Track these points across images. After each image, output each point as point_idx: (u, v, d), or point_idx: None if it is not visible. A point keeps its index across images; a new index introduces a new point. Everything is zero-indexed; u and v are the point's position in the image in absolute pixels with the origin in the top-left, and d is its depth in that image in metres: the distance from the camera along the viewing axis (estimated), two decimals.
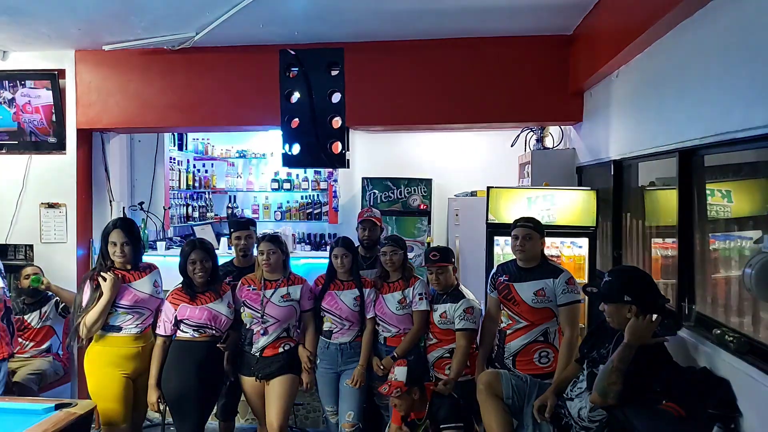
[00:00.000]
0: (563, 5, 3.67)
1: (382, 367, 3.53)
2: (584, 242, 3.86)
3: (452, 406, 3.15)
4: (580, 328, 3.27)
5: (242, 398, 4.05)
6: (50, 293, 4.54)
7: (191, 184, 6.34)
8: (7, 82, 4.87)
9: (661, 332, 2.30)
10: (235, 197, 7.05)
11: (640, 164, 3.54)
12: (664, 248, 3.42)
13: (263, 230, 4.35)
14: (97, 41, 4.52)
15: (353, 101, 3.87)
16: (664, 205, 3.56)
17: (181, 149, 6.12)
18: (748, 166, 2.51)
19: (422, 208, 6.01)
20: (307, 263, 5.20)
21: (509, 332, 3.25)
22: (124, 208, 5.21)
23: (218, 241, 5.47)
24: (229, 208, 7.01)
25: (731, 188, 2.82)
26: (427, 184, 6.24)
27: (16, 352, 4.41)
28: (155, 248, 5.24)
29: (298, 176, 6.93)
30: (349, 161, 4.09)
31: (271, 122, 4.56)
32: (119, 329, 3.28)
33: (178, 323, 3.34)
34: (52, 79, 4.84)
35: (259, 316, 3.46)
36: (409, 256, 3.81)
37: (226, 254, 4.57)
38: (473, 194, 6.06)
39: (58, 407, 2.94)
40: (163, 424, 4.48)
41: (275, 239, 3.58)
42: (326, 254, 5.57)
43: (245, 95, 4.66)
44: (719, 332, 2.27)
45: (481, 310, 3.51)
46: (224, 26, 4.09)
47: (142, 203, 5.39)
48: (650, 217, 3.54)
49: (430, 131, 6.47)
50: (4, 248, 4.92)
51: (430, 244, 5.85)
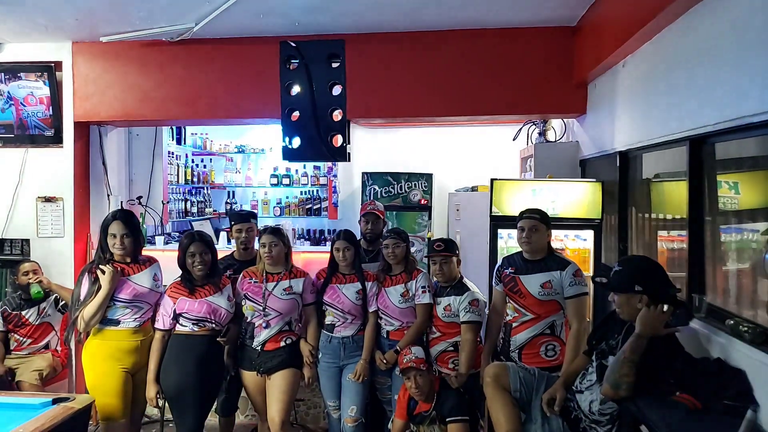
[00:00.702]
0: None
1: (385, 361, 3.48)
2: (589, 235, 3.81)
3: (458, 399, 3.10)
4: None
5: (242, 394, 4.02)
6: (45, 291, 4.48)
7: (190, 179, 6.28)
8: (2, 74, 4.80)
9: (673, 322, 2.26)
10: (233, 193, 6.99)
11: (644, 157, 3.50)
12: (670, 241, 3.38)
13: (263, 225, 4.29)
14: (94, 33, 4.46)
15: (354, 94, 3.82)
16: (670, 197, 3.51)
17: (179, 143, 6.06)
18: (756, 157, 2.47)
19: (423, 203, 5.94)
20: (307, 258, 5.14)
21: (515, 325, 3.20)
22: (122, 202, 5.14)
23: (217, 237, 5.41)
24: (227, 203, 6.95)
25: (739, 180, 2.77)
26: (427, 179, 6.19)
27: (13, 349, 4.37)
28: (154, 243, 5.18)
29: (297, 171, 6.88)
30: (349, 154, 4.05)
31: (271, 115, 4.51)
32: (117, 323, 3.22)
33: (177, 317, 3.28)
34: (48, 71, 4.77)
35: (260, 309, 3.41)
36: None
37: (225, 249, 4.51)
38: (474, 189, 6.02)
39: (55, 402, 2.88)
40: (162, 420, 4.44)
41: (277, 231, 3.53)
42: (326, 249, 5.55)
43: (245, 87, 4.61)
44: (733, 323, 2.22)
45: (485, 302, 3.47)
46: (224, 17, 4.03)
47: (140, 197, 5.33)
48: (657, 209, 3.50)
49: (431, 124, 6.42)
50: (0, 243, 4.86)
51: (430, 239, 5.80)
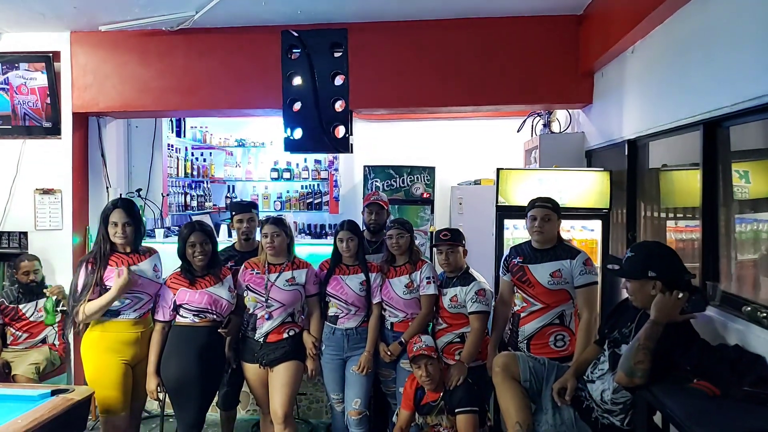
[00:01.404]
0: None
1: (389, 353, 3.42)
2: (596, 225, 3.76)
3: (467, 390, 3.04)
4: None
5: (244, 388, 3.96)
6: (45, 285, 4.41)
7: (189, 172, 6.21)
8: (0, 64, 4.74)
9: (689, 308, 2.20)
10: (233, 187, 6.93)
11: (653, 147, 3.45)
12: (677, 232, 3.33)
13: (264, 216, 4.22)
14: (93, 21, 4.39)
15: (357, 84, 3.77)
16: (680, 186, 3.46)
17: (179, 136, 5.99)
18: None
19: (425, 196, 5.88)
20: (309, 251, 5.07)
21: (523, 315, 3.15)
22: (121, 194, 5.07)
23: (217, 231, 5.34)
24: (227, 198, 6.89)
25: (749, 168, 2.72)
26: (430, 172, 6.12)
27: (9, 343, 4.31)
28: (153, 236, 5.11)
29: (298, 165, 6.82)
30: (352, 146, 3.99)
31: (272, 105, 4.46)
32: (117, 314, 3.14)
33: (177, 308, 3.22)
34: (46, 61, 4.69)
35: (263, 300, 3.35)
36: None
37: (226, 243, 4.44)
38: (477, 183, 5.97)
39: (54, 393, 2.82)
40: (162, 415, 4.37)
41: (279, 222, 3.47)
42: (328, 242, 5.48)
43: (246, 78, 4.54)
44: (750, 309, 2.17)
45: (492, 292, 3.41)
46: (224, 5, 3.97)
47: (139, 190, 5.26)
48: (666, 198, 3.45)
49: (433, 117, 6.38)
50: None
51: (432, 233, 5.75)
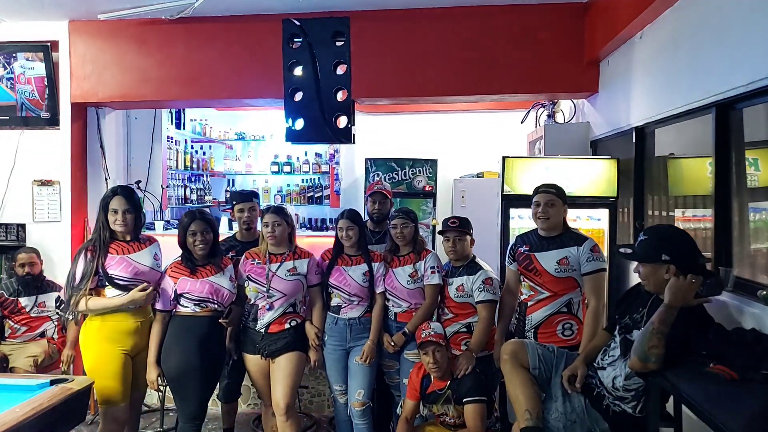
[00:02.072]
0: None
1: (393, 343, 3.36)
2: (603, 214, 3.71)
3: (476, 379, 2.99)
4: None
5: (244, 382, 3.91)
6: (46, 280, 4.35)
7: (189, 165, 6.15)
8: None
9: (703, 292, 2.15)
10: (233, 180, 6.87)
11: (661, 135, 3.40)
12: (686, 221, 3.28)
13: (265, 205, 4.17)
14: (91, 10, 4.32)
15: (359, 73, 3.70)
16: (688, 174, 3.42)
17: (178, 128, 5.93)
18: None
19: (427, 189, 5.83)
20: (311, 243, 5.02)
21: (530, 303, 3.10)
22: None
23: (217, 224, 5.29)
24: (227, 191, 6.83)
25: (759, 156, 2.68)
26: (432, 165, 6.07)
27: (7, 336, 4.25)
28: (153, 228, 5.06)
29: (298, 159, 6.76)
30: (354, 136, 3.93)
31: (273, 95, 4.41)
32: None
33: (178, 298, 3.16)
34: (44, 51, 4.64)
35: (264, 290, 3.29)
36: None
37: (227, 234, 4.39)
38: (480, 175, 5.93)
39: (53, 383, 2.76)
40: (162, 409, 4.33)
41: (280, 210, 3.41)
42: (329, 233, 5.43)
43: (247, 67, 4.49)
44: (766, 292, 2.12)
45: (499, 281, 3.36)
46: None
47: (139, 182, 5.20)
48: (674, 187, 3.40)
49: (437, 108, 6.34)
50: None
51: (435, 226, 5.70)
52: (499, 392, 3.35)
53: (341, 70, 3.76)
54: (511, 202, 3.82)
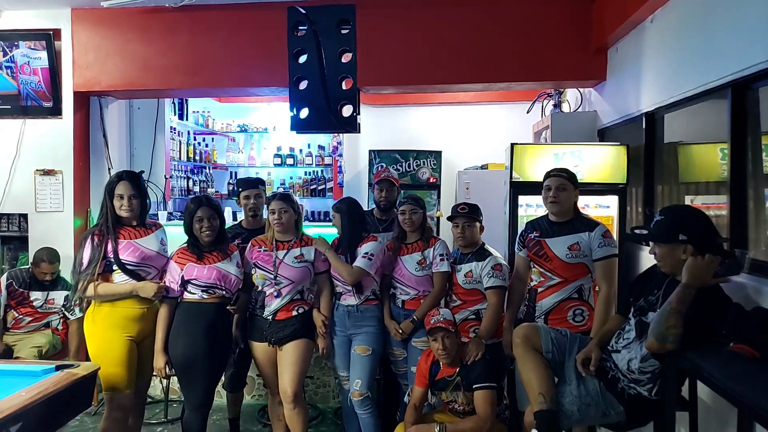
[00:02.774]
0: None
1: (400, 331, 3.33)
2: (612, 201, 3.68)
3: (486, 366, 2.95)
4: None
5: (250, 372, 3.87)
6: (59, 277, 4.30)
7: (192, 156, 6.11)
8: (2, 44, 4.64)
9: (721, 272, 2.12)
10: (236, 173, 6.82)
11: (671, 121, 3.36)
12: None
13: (271, 192, 4.14)
14: None
15: (365, 61, 3.66)
16: (699, 160, 3.39)
17: (181, 119, 5.88)
18: None
19: (431, 181, 5.80)
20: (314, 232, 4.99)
21: (541, 290, 3.06)
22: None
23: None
24: (230, 184, 6.79)
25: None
26: (436, 156, 6.05)
27: (11, 326, 4.21)
28: (156, 218, 5.01)
29: (301, 151, 6.72)
30: (359, 125, 3.90)
31: (278, 83, 4.38)
32: None
33: (185, 284, 3.13)
34: (47, 39, 4.60)
35: (272, 277, 3.25)
36: None
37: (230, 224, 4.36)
38: (484, 167, 5.89)
39: (58, 368, 2.72)
40: (166, 400, 4.30)
41: (287, 197, 3.37)
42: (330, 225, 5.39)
43: (251, 55, 4.45)
44: None
45: (509, 267, 3.32)
46: None
47: (142, 172, 5.11)
48: (684, 173, 3.37)
49: (440, 98, 6.31)
50: None
51: (439, 218, 5.67)
52: (508, 380, 3.32)
53: (346, 58, 3.72)
54: (519, 189, 3.78)
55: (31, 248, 4.56)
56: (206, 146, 6.50)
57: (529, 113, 5.31)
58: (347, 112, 3.78)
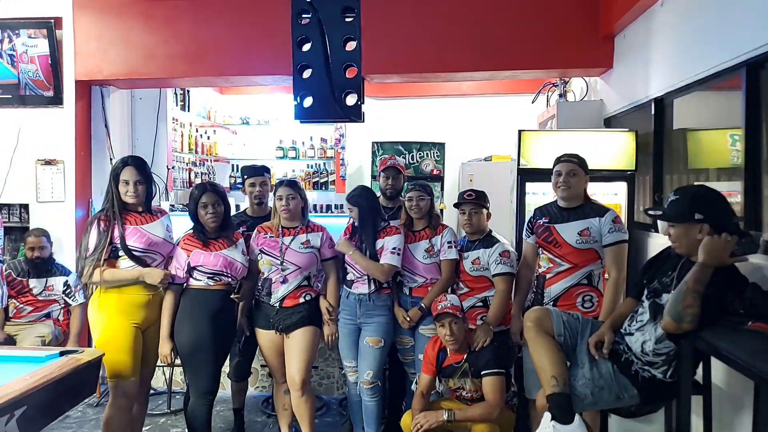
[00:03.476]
0: None
1: (408, 318, 3.30)
2: (620, 189, 3.64)
3: (494, 352, 2.92)
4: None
5: (254, 365, 3.84)
6: (56, 264, 4.27)
7: (193, 148, 6.06)
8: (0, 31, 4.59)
9: (738, 251, 2.09)
10: (237, 166, 6.78)
11: (680, 107, 3.33)
12: None
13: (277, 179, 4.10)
14: None
15: (369, 49, 3.61)
16: (708, 146, 3.36)
17: (183, 110, 5.84)
18: None
19: (435, 173, 5.76)
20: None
21: (549, 276, 3.03)
22: None
23: None
24: (231, 177, 6.75)
25: None
26: (440, 148, 5.99)
27: (12, 316, 4.18)
28: None
29: (303, 144, 6.69)
30: (364, 114, 3.86)
31: (282, 72, 4.33)
32: None
33: (191, 271, 3.09)
34: (48, 27, 4.55)
35: (278, 263, 3.22)
36: None
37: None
38: (488, 159, 5.86)
39: (62, 354, 2.69)
40: (169, 391, 4.26)
41: (294, 184, 3.34)
42: (334, 216, 5.37)
43: (255, 44, 4.41)
44: None
45: (517, 254, 3.29)
46: None
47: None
48: (693, 159, 3.34)
49: (444, 88, 6.27)
50: None
51: (443, 210, 5.63)
52: (515, 367, 3.29)
53: (351, 46, 3.68)
54: (527, 176, 3.75)
55: None
56: (207, 138, 6.46)
57: (534, 103, 5.27)
58: (351, 100, 3.75)
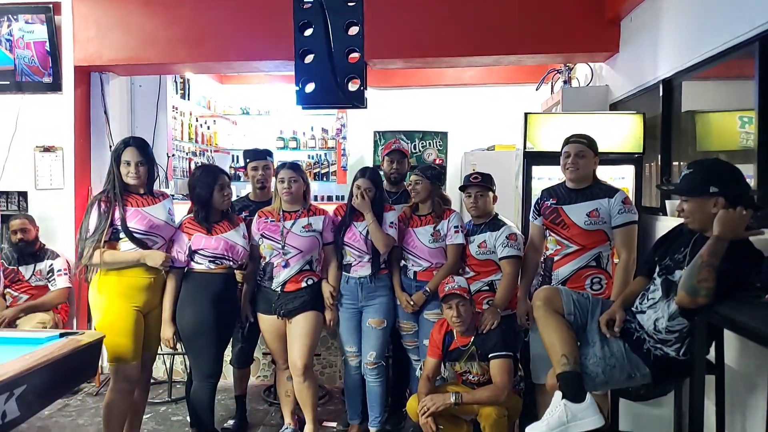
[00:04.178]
0: None
1: (412, 303, 3.26)
2: (628, 172, 3.60)
3: (502, 334, 2.88)
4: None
5: (255, 353, 3.80)
6: (44, 249, 4.23)
7: (193, 137, 6.01)
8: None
9: (754, 225, 2.04)
10: (237, 157, 6.73)
11: (688, 91, 3.29)
12: None
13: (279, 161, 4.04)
14: None
15: (372, 34, 3.56)
16: (717, 129, 3.32)
17: (184, 98, 5.78)
18: None
19: (438, 162, 5.71)
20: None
21: (557, 258, 2.98)
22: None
23: None
24: (231, 168, 6.68)
25: None
26: (443, 137, 5.96)
27: (9, 305, 4.14)
28: None
29: (304, 134, 6.63)
30: (367, 99, 3.81)
31: (283, 57, 4.29)
32: None
33: (192, 254, 3.05)
34: (46, 12, 4.49)
35: (279, 247, 3.18)
36: None
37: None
38: (491, 149, 5.81)
39: (62, 336, 2.64)
40: (170, 381, 4.21)
41: (296, 167, 3.30)
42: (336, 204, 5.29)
43: (256, 28, 4.34)
44: None
45: (524, 237, 3.25)
46: None
47: None
48: (702, 141, 3.29)
49: (448, 79, 6.22)
50: None
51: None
52: (522, 352, 3.24)
53: (353, 31, 3.63)
54: (533, 159, 3.70)
55: None
56: (208, 128, 6.40)
57: (537, 91, 5.23)
58: (354, 86, 3.70)
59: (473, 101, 6.38)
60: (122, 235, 2.91)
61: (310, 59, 3.67)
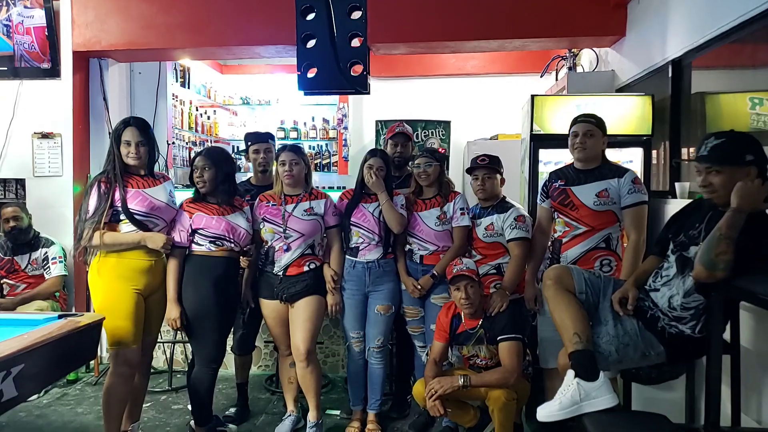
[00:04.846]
0: None
1: (419, 287, 3.20)
2: (636, 155, 3.54)
3: (511, 317, 2.82)
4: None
5: (257, 342, 3.74)
6: (39, 237, 4.17)
7: (193, 126, 5.94)
8: None
9: None
10: (238, 148, 6.66)
11: (698, 75, 3.24)
12: None
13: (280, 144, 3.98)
14: None
15: (375, 18, 3.51)
16: (727, 110, 3.27)
17: (184, 86, 5.71)
18: None
19: (441, 152, 5.65)
20: None
21: (566, 240, 2.93)
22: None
23: None
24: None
25: None
26: (445, 126, 5.93)
27: (6, 293, 4.08)
28: None
29: (305, 124, 6.57)
30: (370, 85, 3.75)
31: (285, 42, 4.23)
32: None
33: (193, 233, 2.98)
34: None
35: (281, 230, 3.12)
36: None
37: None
38: (494, 138, 5.76)
39: (61, 317, 2.59)
40: (170, 371, 4.16)
41: (298, 149, 3.24)
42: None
43: (257, 12, 4.29)
44: None
45: (532, 219, 3.19)
46: None
47: None
48: (712, 124, 3.24)
49: (450, 69, 6.16)
50: None
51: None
52: (530, 336, 3.19)
53: (356, 15, 3.58)
54: (540, 142, 3.64)
55: None
56: (208, 118, 6.34)
57: (542, 78, 5.17)
58: (357, 71, 3.64)
59: (476, 91, 6.33)
60: (123, 216, 2.85)
61: (312, 44, 3.61)
